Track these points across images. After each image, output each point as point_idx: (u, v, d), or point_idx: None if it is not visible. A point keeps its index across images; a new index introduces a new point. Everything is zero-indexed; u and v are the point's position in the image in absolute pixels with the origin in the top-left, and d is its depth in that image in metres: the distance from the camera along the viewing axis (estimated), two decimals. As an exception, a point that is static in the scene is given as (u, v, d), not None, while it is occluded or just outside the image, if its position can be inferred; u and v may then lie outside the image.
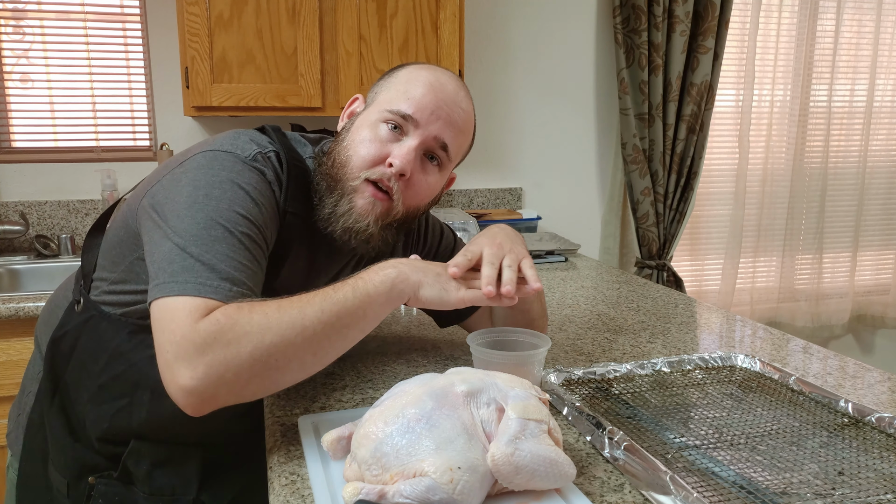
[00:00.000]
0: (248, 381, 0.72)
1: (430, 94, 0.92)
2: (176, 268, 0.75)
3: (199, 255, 0.76)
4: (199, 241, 0.77)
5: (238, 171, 0.84)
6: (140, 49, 2.24)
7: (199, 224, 0.78)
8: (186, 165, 0.86)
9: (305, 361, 0.76)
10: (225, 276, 0.75)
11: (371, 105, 0.96)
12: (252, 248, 0.80)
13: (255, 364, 0.71)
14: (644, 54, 2.49)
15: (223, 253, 0.77)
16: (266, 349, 0.72)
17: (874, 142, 3.05)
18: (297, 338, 0.74)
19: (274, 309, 0.74)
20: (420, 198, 0.95)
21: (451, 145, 0.94)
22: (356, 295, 0.79)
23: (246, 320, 0.71)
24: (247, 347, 0.71)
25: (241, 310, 0.72)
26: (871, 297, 3.19)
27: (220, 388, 0.70)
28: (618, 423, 0.89)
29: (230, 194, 0.81)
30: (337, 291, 0.78)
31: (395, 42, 2.05)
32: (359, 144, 0.91)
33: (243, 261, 0.78)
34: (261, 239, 0.83)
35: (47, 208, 2.19)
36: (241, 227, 0.80)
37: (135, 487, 0.93)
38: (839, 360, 1.18)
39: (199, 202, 0.80)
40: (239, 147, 0.88)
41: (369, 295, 0.80)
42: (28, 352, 1.62)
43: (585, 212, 2.72)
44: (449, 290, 0.84)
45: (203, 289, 0.73)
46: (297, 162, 0.93)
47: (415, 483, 0.66)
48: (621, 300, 1.61)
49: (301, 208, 0.92)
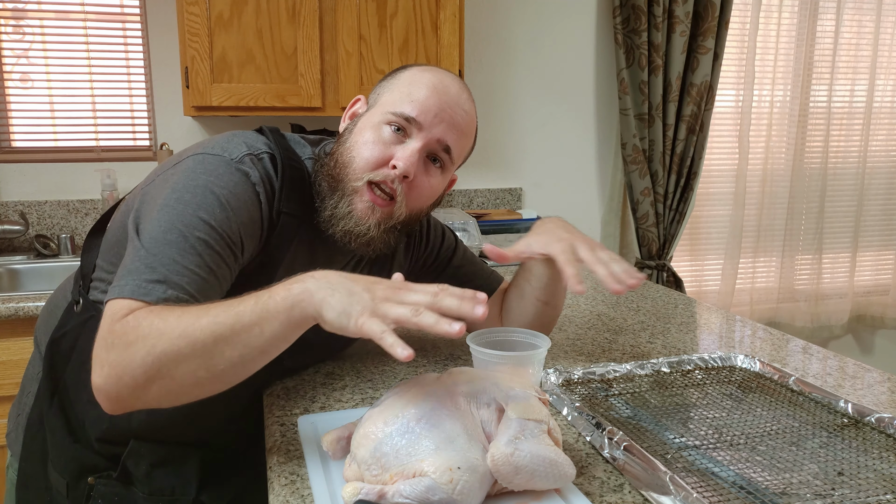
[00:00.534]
0: (146, 387, 0.71)
1: (434, 97, 0.92)
2: (124, 271, 0.77)
3: (146, 257, 0.77)
4: (154, 243, 0.78)
5: (218, 175, 0.85)
6: (140, 49, 2.24)
7: (161, 227, 0.80)
8: (177, 168, 0.88)
9: (198, 375, 0.71)
10: (161, 279, 0.76)
11: (374, 107, 0.95)
12: (206, 253, 0.80)
13: (149, 370, 0.70)
14: (644, 54, 2.50)
15: (169, 257, 0.77)
16: (157, 356, 0.70)
17: (874, 142, 3.05)
18: (186, 348, 0.69)
19: (175, 315, 0.71)
20: (423, 200, 0.95)
21: (454, 147, 0.95)
22: (255, 309, 0.71)
23: (147, 324, 0.71)
24: (140, 352, 0.70)
25: (151, 313, 0.72)
26: (870, 297, 3.19)
27: (122, 389, 0.71)
28: (617, 423, 0.89)
29: (199, 199, 0.82)
30: (240, 303, 0.72)
31: (395, 42, 2.05)
32: (362, 146, 0.91)
33: (189, 266, 0.78)
34: (221, 245, 0.82)
35: (47, 208, 2.18)
36: (199, 232, 0.80)
37: (134, 488, 0.93)
38: (839, 360, 1.18)
39: (170, 205, 0.81)
40: (228, 149, 0.88)
41: (268, 311, 0.71)
42: (28, 351, 1.62)
43: (585, 212, 2.72)
44: (350, 315, 0.69)
45: (136, 290, 0.74)
46: (294, 162, 0.93)
47: (414, 483, 0.66)
48: (621, 300, 1.61)
49: (297, 208, 0.92)
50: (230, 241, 0.83)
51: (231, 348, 0.70)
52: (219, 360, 0.71)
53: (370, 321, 0.68)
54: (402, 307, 0.69)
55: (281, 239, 0.92)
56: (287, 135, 0.99)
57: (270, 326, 0.70)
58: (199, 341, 0.70)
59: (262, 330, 0.70)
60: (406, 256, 1.13)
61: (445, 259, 1.17)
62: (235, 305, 0.71)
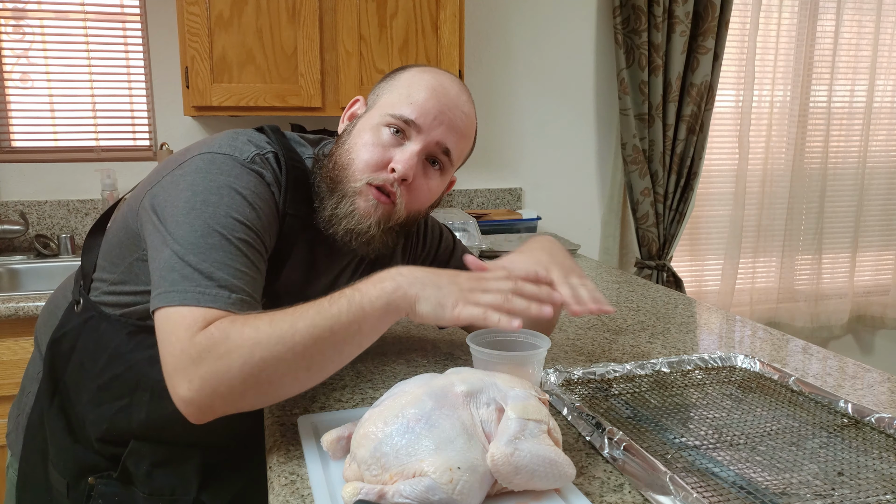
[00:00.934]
0: (243, 394, 0.73)
1: (433, 99, 0.91)
2: (175, 276, 0.76)
3: (197, 263, 0.76)
4: (197, 249, 0.77)
5: (236, 175, 0.84)
6: (140, 49, 2.25)
7: (197, 231, 0.78)
8: (185, 168, 0.86)
9: (298, 376, 0.75)
10: (223, 284, 0.75)
11: (373, 108, 0.95)
12: (250, 253, 0.80)
13: (248, 378, 0.71)
14: (644, 55, 2.50)
15: (220, 261, 0.77)
16: (256, 364, 0.71)
17: (874, 142, 3.05)
18: (287, 353, 0.72)
19: (266, 323, 0.72)
20: (421, 202, 0.95)
21: (454, 150, 0.94)
22: (350, 309, 0.75)
23: (237, 334, 0.71)
24: (237, 362, 0.71)
25: (235, 323, 0.72)
26: (870, 297, 3.19)
27: (216, 399, 0.72)
28: (617, 423, 0.89)
29: (227, 200, 0.81)
30: (332, 304, 0.75)
31: (396, 42, 2.05)
32: (361, 148, 0.91)
33: (241, 267, 0.78)
34: (259, 244, 0.83)
35: (47, 208, 2.18)
36: (238, 233, 0.80)
37: (134, 488, 0.93)
38: (839, 360, 1.18)
39: (197, 208, 0.80)
40: (237, 149, 0.88)
41: (364, 309, 0.75)
42: (28, 351, 1.62)
43: (585, 212, 2.72)
44: (445, 307, 0.77)
45: (202, 298, 0.74)
46: (297, 163, 0.93)
47: (414, 483, 0.66)
48: (621, 300, 1.61)
49: (301, 209, 0.92)
50: (263, 239, 0.84)
51: (331, 347, 0.74)
52: (319, 360, 0.75)
53: (467, 308, 0.76)
54: (491, 294, 0.77)
55: (285, 240, 0.91)
56: (287, 134, 0.99)
57: (368, 323, 0.76)
58: (298, 345, 0.72)
59: (360, 327, 0.75)
60: (404, 258, 1.13)
61: (443, 259, 1.17)
62: (329, 307, 0.75)
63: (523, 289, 0.78)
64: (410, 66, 0.98)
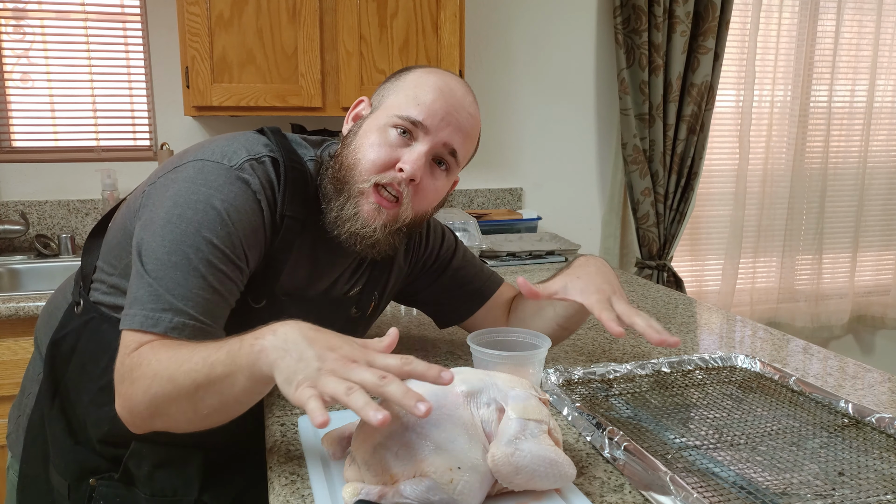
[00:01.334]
0: (151, 419, 0.76)
1: (440, 100, 0.91)
2: (133, 295, 0.80)
3: (152, 283, 0.79)
4: (159, 265, 0.80)
5: (218, 187, 0.85)
6: (140, 49, 2.25)
7: (165, 247, 0.81)
8: (177, 173, 0.87)
9: (188, 416, 0.74)
10: (168, 307, 0.78)
11: (379, 109, 0.95)
12: (209, 274, 0.81)
13: (149, 406, 0.75)
14: (644, 54, 2.50)
15: (175, 281, 0.79)
16: (152, 396, 0.74)
17: (874, 142, 3.05)
18: (173, 392, 0.73)
19: (167, 356, 0.74)
20: (428, 202, 0.95)
21: (460, 150, 0.94)
22: (226, 360, 0.70)
23: (147, 363, 0.75)
24: (140, 390, 0.75)
25: (152, 350, 0.76)
26: (870, 297, 3.19)
27: (134, 418, 0.77)
28: (618, 423, 0.89)
29: (201, 216, 0.82)
30: (217, 350, 0.71)
31: (396, 42, 2.05)
32: (368, 148, 0.91)
33: (194, 289, 0.79)
34: (226, 262, 0.83)
35: (47, 208, 2.19)
36: (203, 252, 0.81)
37: (136, 489, 0.93)
38: (839, 360, 1.18)
39: (173, 222, 0.82)
40: (228, 155, 0.88)
41: (236, 364, 0.69)
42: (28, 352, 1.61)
43: (586, 212, 2.72)
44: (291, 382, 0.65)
45: (146, 321, 0.78)
46: (296, 164, 0.93)
47: (415, 483, 0.66)
48: (621, 300, 1.61)
49: (300, 211, 0.92)
50: (234, 257, 0.84)
51: (209, 396, 0.72)
52: (201, 406, 0.73)
53: (303, 390, 0.63)
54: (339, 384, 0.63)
55: (284, 242, 0.91)
56: (289, 136, 0.98)
57: (238, 381, 0.70)
58: (182, 387, 0.72)
59: (233, 382, 0.70)
60: (406, 259, 1.12)
61: (445, 260, 1.17)
62: (213, 353, 0.71)
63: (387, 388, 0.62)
64: (415, 67, 0.98)
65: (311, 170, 0.95)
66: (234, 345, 0.71)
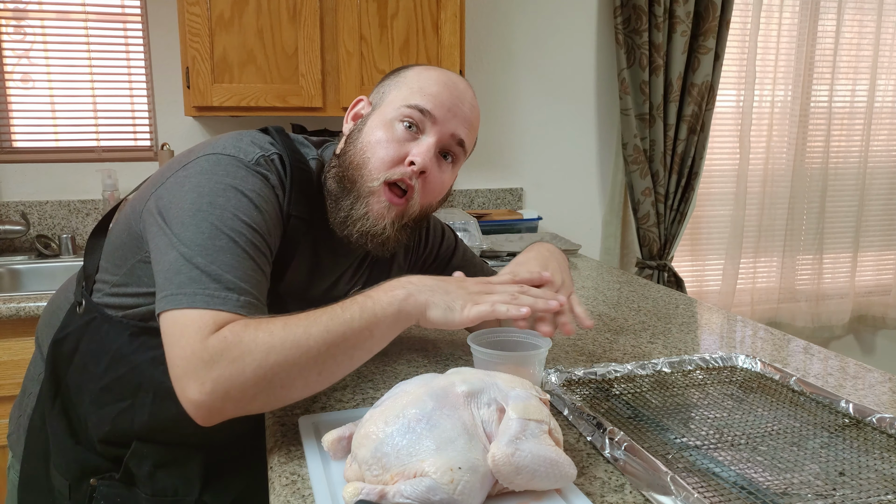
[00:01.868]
0: (254, 398, 0.73)
1: (446, 92, 0.92)
2: (183, 279, 0.75)
3: (205, 265, 0.76)
4: (204, 251, 0.77)
5: (241, 177, 0.84)
6: (141, 49, 2.25)
7: (204, 233, 0.78)
8: (190, 169, 0.85)
9: (310, 380, 0.76)
10: (231, 287, 0.76)
11: (381, 105, 0.95)
12: (256, 256, 0.80)
13: (260, 382, 0.72)
14: (645, 54, 2.49)
15: (228, 263, 0.77)
16: (270, 368, 0.72)
17: (875, 142, 3.05)
18: (301, 358, 0.73)
19: (280, 327, 0.73)
20: (435, 194, 0.95)
21: (467, 141, 0.95)
22: (363, 315, 0.77)
23: (251, 338, 0.72)
24: (251, 366, 0.71)
25: (248, 327, 0.73)
26: (871, 297, 3.19)
27: (227, 402, 0.72)
28: (618, 423, 0.89)
29: (234, 202, 0.81)
30: (345, 311, 0.77)
31: (396, 42, 2.05)
32: (376, 145, 0.91)
33: (248, 270, 0.78)
34: (264, 246, 0.83)
35: (48, 208, 2.19)
36: (245, 235, 0.80)
37: (137, 489, 0.93)
38: (840, 360, 1.18)
39: (204, 209, 0.80)
40: (242, 150, 0.87)
41: (376, 316, 0.78)
42: (29, 352, 1.62)
43: (586, 212, 2.72)
44: (454, 310, 0.80)
45: (211, 301, 0.74)
46: (301, 164, 0.93)
47: (415, 483, 0.66)
48: (622, 300, 1.61)
49: (304, 211, 0.92)
50: (268, 242, 0.84)
51: (343, 353, 0.76)
52: (331, 364, 0.76)
53: (475, 308, 0.80)
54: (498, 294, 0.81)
55: (289, 242, 0.91)
56: (292, 135, 0.99)
57: (379, 330, 0.78)
58: (312, 349, 0.74)
59: (372, 333, 0.77)
60: (406, 257, 1.13)
61: (445, 258, 1.17)
62: (342, 313, 0.76)
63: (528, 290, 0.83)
64: (414, 65, 0.98)
65: (314, 169, 0.95)
66: (363, 301, 0.78)
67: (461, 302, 0.80)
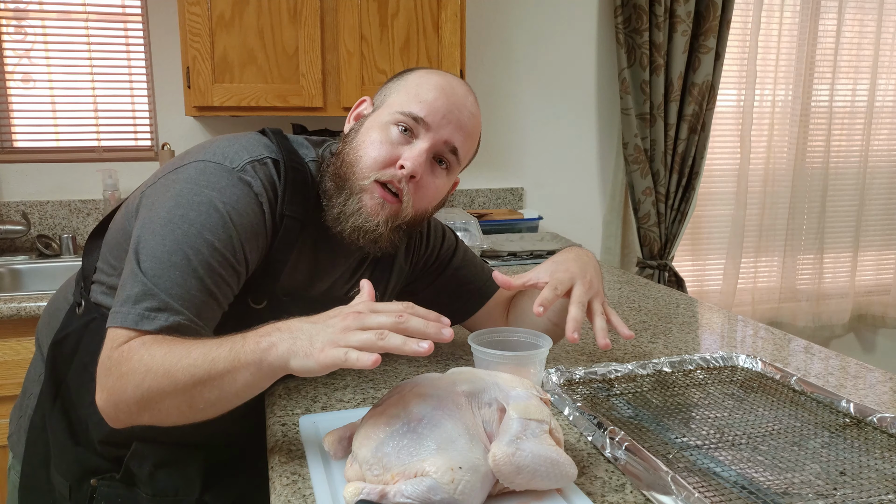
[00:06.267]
0: (139, 413, 0.76)
1: (442, 98, 0.92)
2: (126, 293, 0.79)
3: (147, 281, 0.79)
4: (157, 264, 0.80)
5: (221, 189, 0.85)
6: (141, 49, 2.25)
7: (166, 246, 0.81)
8: (179, 174, 0.88)
9: (182, 410, 0.75)
10: (162, 307, 0.78)
11: (381, 107, 0.95)
12: (207, 275, 0.81)
13: (139, 401, 0.75)
14: (645, 54, 2.49)
15: (173, 280, 0.79)
16: (146, 390, 0.74)
17: (875, 142, 3.05)
18: (169, 387, 0.73)
19: (163, 352, 0.74)
20: (428, 200, 0.95)
21: (461, 149, 0.95)
22: (228, 357, 0.72)
23: (138, 358, 0.75)
24: (131, 384, 0.74)
25: (144, 345, 0.75)
26: (871, 297, 3.19)
27: (119, 413, 0.77)
28: (619, 423, 0.89)
29: (205, 217, 0.83)
30: (219, 347, 0.73)
31: (397, 42, 2.05)
32: (369, 145, 0.91)
33: (192, 290, 0.80)
34: (224, 265, 0.83)
35: (49, 208, 2.19)
36: (204, 254, 0.81)
37: (137, 489, 0.93)
38: (841, 360, 1.18)
39: (175, 221, 0.82)
40: (230, 157, 0.88)
41: (239, 361, 0.72)
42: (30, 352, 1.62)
43: (587, 212, 2.72)
44: (311, 355, 0.69)
45: (140, 319, 0.77)
46: (297, 165, 0.93)
47: (416, 483, 0.66)
48: (623, 300, 1.61)
49: (300, 211, 0.92)
50: (233, 261, 0.84)
51: (208, 391, 0.73)
52: (198, 400, 0.74)
53: (330, 352, 0.67)
54: (365, 333, 0.68)
55: (284, 242, 0.92)
56: (290, 136, 0.99)
57: (242, 376, 0.72)
58: (179, 382, 0.73)
59: (235, 378, 0.72)
60: (407, 259, 1.12)
61: (445, 260, 1.17)
62: (213, 350, 0.73)
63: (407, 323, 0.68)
64: (418, 68, 0.98)
65: (312, 170, 0.95)
66: (235, 342, 0.73)
67: (320, 344, 0.69)
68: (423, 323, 0.69)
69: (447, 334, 0.69)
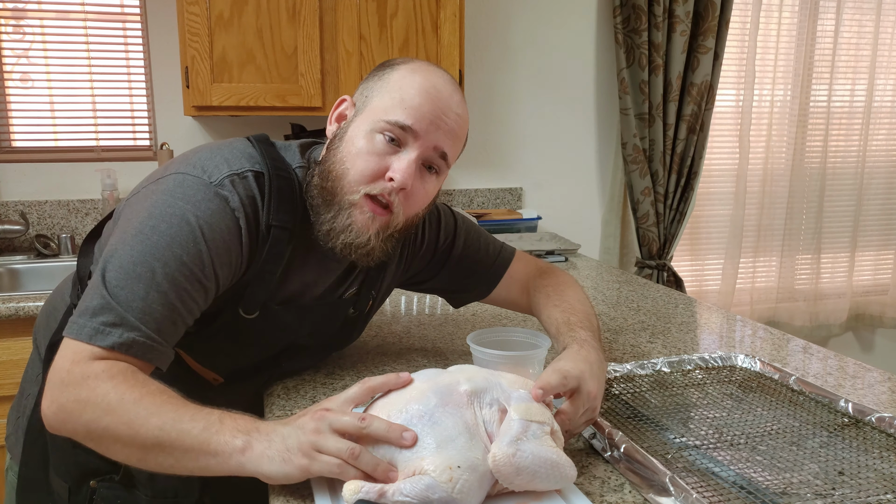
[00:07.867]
0: (83, 439, 0.75)
1: (428, 103, 0.88)
2: (86, 304, 0.78)
3: (107, 294, 0.77)
4: (122, 275, 0.79)
5: (196, 202, 0.83)
6: (140, 49, 2.24)
7: (133, 257, 0.80)
8: (159, 185, 0.86)
9: (131, 459, 0.75)
10: (119, 322, 0.76)
11: (364, 111, 0.91)
12: (172, 291, 0.80)
13: (89, 432, 0.74)
14: (644, 54, 2.50)
15: (136, 293, 0.78)
16: (101, 429, 0.73)
17: (873, 142, 3.05)
18: (128, 438, 0.72)
19: (133, 398, 0.73)
20: (418, 206, 0.92)
21: (450, 152, 0.92)
22: (199, 437, 0.71)
23: (103, 391, 0.73)
24: (86, 416, 0.73)
25: (111, 378, 0.74)
26: (869, 297, 3.19)
27: (63, 429, 0.76)
28: (618, 423, 0.89)
29: (175, 230, 0.81)
30: (192, 419, 0.72)
31: (396, 42, 2.05)
32: (355, 157, 0.88)
33: (153, 304, 0.78)
34: (191, 280, 0.82)
35: (47, 208, 2.18)
36: (170, 267, 0.80)
37: (137, 491, 0.93)
38: (839, 360, 1.18)
39: (146, 232, 0.81)
40: (209, 171, 0.86)
41: (209, 447, 0.71)
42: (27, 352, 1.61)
43: (586, 212, 2.72)
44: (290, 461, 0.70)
45: (94, 334, 0.76)
46: (283, 173, 0.91)
47: (414, 481, 0.66)
48: (621, 300, 1.61)
49: (287, 219, 0.90)
50: (200, 275, 0.82)
51: (165, 457, 0.72)
52: (152, 460, 0.73)
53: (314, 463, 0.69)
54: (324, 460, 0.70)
55: (273, 253, 0.90)
56: (277, 143, 0.96)
57: (206, 461, 0.72)
58: (140, 438, 0.72)
59: (198, 459, 0.72)
60: (401, 259, 1.11)
61: (445, 251, 1.13)
62: (185, 421, 0.72)
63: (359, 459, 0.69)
64: (398, 64, 0.93)
65: (299, 176, 0.93)
66: (211, 424, 0.72)
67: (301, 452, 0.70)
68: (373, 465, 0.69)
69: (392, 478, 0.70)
